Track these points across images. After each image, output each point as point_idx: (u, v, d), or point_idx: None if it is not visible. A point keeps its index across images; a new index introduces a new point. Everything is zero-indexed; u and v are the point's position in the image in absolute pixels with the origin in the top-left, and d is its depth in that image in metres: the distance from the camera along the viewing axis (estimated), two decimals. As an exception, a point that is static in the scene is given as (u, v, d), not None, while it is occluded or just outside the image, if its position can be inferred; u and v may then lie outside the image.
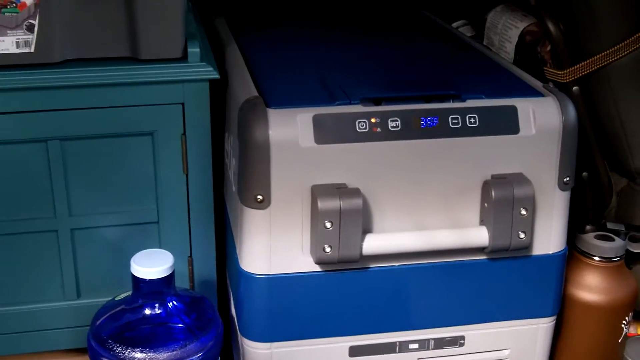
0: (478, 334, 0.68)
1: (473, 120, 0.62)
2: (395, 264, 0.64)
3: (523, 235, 0.63)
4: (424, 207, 0.63)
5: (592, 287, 0.73)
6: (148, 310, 0.63)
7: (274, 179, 0.60)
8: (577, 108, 0.75)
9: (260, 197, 0.60)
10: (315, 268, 0.63)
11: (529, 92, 0.66)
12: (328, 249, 0.60)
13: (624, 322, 0.74)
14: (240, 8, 0.91)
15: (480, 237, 0.62)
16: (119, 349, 0.61)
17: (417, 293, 0.65)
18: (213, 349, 0.64)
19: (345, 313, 0.64)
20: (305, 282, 0.63)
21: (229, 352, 0.75)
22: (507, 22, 0.81)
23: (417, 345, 0.67)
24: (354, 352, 0.66)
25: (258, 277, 0.63)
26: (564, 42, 0.75)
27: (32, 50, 0.62)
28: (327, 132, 0.60)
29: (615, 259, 0.73)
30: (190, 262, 0.72)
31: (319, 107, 0.61)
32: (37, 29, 0.62)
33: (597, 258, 0.73)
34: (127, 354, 0.61)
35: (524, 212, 0.62)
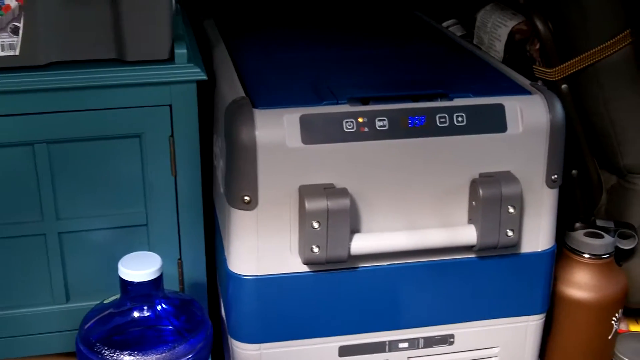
0: (468, 332, 0.68)
1: (460, 119, 0.62)
2: (384, 264, 0.64)
3: (511, 233, 0.63)
4: (412, 206, 0.63)
5: (582, 284, 0.73)
6: (137, 313, 0.63)
7: (261, 180, 0.60)
8: (566, 106, 0.76)
9: (248, 198, 0.60)
10: (304, 268, 0.63)
11: (517, 90, 0.66)
12: (316, 249, 0.60)
13: (614, 318, 0.74)
14: (230, 10, 0.91)
15: (469, 235, 0.62)
16: (108, 353, 0.61)
17: (406, 292, 0.65)
18: (202, 351, 0.64)
19: (335, 313, 0.64)
20: (294, 282, 0.63)
21: (221, 354, 0.75)
22: (496, 20, 0.81)
23: (406, 344, 0.67)
24: (344, 352, 0.66)
25: (246, 278, 0.63)
26: (553, 40, 0.75)
27: (17, 53, 0.62)
28: (314, 132, 0.60)
29: (605, 256, 0.73)
30: (180, 264, 0.72)
31: (306, 107, 0.61)
32: (21, 32, 0.61)
33: (586, 255, 0.73)
34: (115, 357, 0.61)
35: (512, 210, 0.62)
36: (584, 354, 0.75)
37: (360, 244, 0.61)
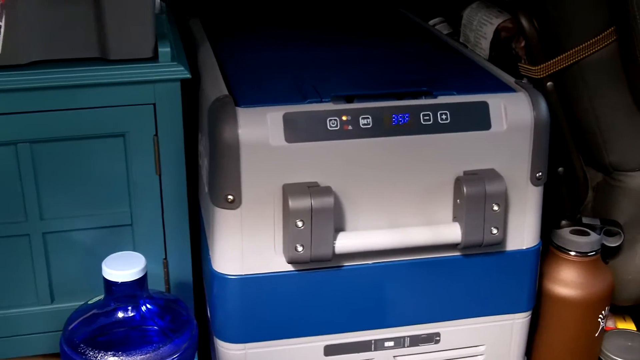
0: (453, 331, 0.68)
1: (444, 117, 0.62)
2: (369, 262, 0.64)
3: (496, 231, 0.62)
4: (397, 204, 0.63)
5: (568, 281, 0.73)
6: (121, 314, 0.63)
7: (245, 179, 0.59)
8: (551, 103, 0.76)
9: (231, 197, 0.60)
10: (288, 268, 0.62)
11: (501, 88, 0.66)
12: (300, 248, 0.60)
13: (601, 316, 0.74)
14: (215, 8, 0.91)
15: (453, 233, 0.62)
16: (92, 353, 0.61)
17: (391, 291, 0.65)
18: (187, 351, 0.63)
19: (320, 312, 0.64)
20: (279, 282, 0.63)
21: (208, 354, 0.75)
22: (482, 18, 0.81)
23: (392, 343, 0.67)
24: (329, 351, 0.66)
25: (230, 277, 0.62)
26: (538, 38, 0.75)
27: (-2, 52, 0.62)
28: (297, 130, 0.60)
29: (591, 254, 0.73)
30: (166, 264, 0.71)
31: (290, 105, 0.60)
32: (3, 31, 0.61)
33: (573, 253, 0.73)
34: (99, 358, 0.60)
35: (496, 207, 0.62)
36: (571, 352, 0.75)
37: (345, 243, 0.61)
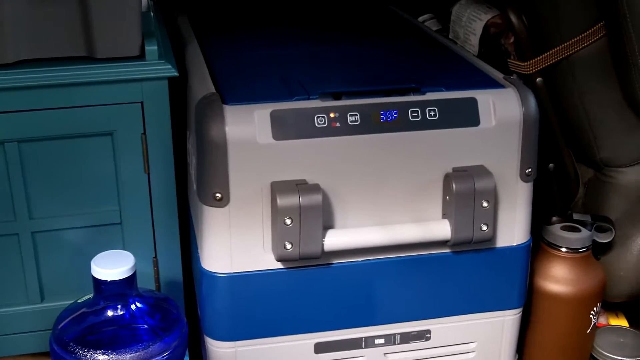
0: (444, 328, 0.68)
1: (433, 113, 0.62)
2: (359, 260, 0.63)
3: (485, 228, 0.62)
4: (386, 201, 0.62)
5: (559, 278, 0.73)
6: (110, 312, 0.63)
7: (232, 177, 0.59)
8: (541, 99, 0.76)
9: (219, 195, 0.60)
10: (277, 265, 0.62)
11: (490, 84, 0.65)
12: (289, 246, 0.60)
13: (592, 312, 0.74)
14: (203, 6, 0.91)
15: (443, 230, 0.62)
16: (82, 352, 0.60)
17: (381, 288, 0.65)
18: (178, 349, 0.63)
19: (310, 310, 0.64)
20: (268, 279, 0.62)
21: (199, 352, 0.74)
22: (471, 14, 0.81)
23: (383, 340, 0.67)
24: (320, 348, 0.66)
25: (219, 275, 0.62)
26: (527, 33, 0.75)
27: (-16, 51, 0.61)
28: (285, 128, 0.59)
29: (582, 250, 0.73)
30: (155, 262, 0.71)
31: (277, 102, 0.60)
32: (-12, 30, 0.61)
33: (564, 249, 0.73)
34: (89, 357, 0.60)
35: (486, 204, 0.62)
36: (562, 348, 0.75)
37: (334, 240, 0.61)
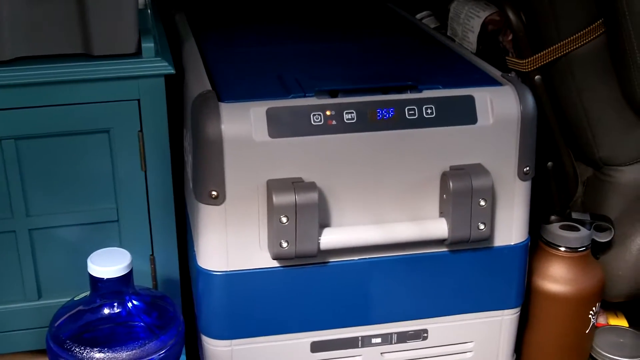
0: (441, 327, 0.67)
1: (430, 111, 0.61)
2: (355, 258, 0.63)
3: (483, 227, 0.62)
4: (383, 199, 0.62)
5: (558, 277, 0.72)
6: (107, 310, 0.63)
7: (228, 175, 0.59)
8: (539, 97, 0.75)
9: (215, 193, 0.59)
10: (274, 264, 0.62)
11: (487, 81, 0.65)
12: (285, 244, 0.59)
13: (591, 312, 0.74)
14: (201, 3, 0.90)
15: (440, 229, 0.62)
16: (78, 350, 0.60)
17: (378, 287, 0.64)
18: (174, 348, 0.63)
19: (306, 308, 0.64)
20: (264, 278, 0.62)
21: (197, 350, 0.74)
22: (469, 11, 0.80)
23: (379, 340, 0.66)
24: (316, 347, 0.66)
25: (215, 274, 0.62)
26: (525, 31, 0.74)
27: (-19, 48, 0.61)
28: (281, 125, 0.59)
29: (581, 249, 0.73)
30: (152, 260, 0.71)
31: (273, 100, 0.60)
32: (-15, 27, 0.61)
33: (562, 248, 0.73)
34: (85, 355, 0.60)
35: (483, 203, 0.61)
36: (561, 348, 0.74)
37: (330, 239, 0.60)
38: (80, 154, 0.66)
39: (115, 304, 0.63)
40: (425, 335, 0.67)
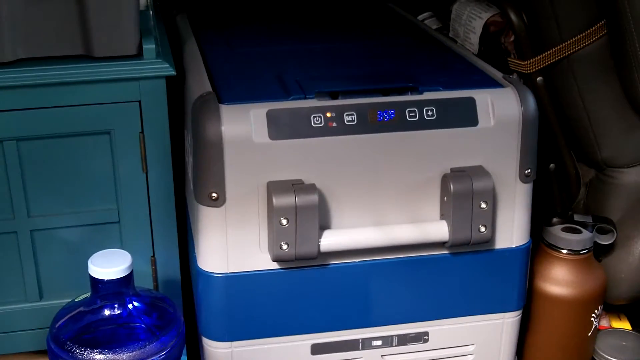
0: (442, 330, 0.67)
1: (430, 113, 0.61)
2: (355, 260, 0.63)
3: (484, 229, 0.62)
4: (383, 202, 0.62)
5: (560, 280, 0.72)
6: (107, 311, 0.63)
7: (228, 176, 0.59)
8: (541, 99, 0.75)
9: (215, 194, 0.59)
10: (274, 266, 0.62)
11: (488, 83, 0.65)
12: (285, 246, 0.59)
13: (594, 315, 0.73)
14: (203, 4, 0.90)
15: (440, 231, 0.62)
16: (78, 351, 0.60)
17: (378, 289, 0.64)
18: (174, 349, 0.63)
19: (306, 311, 0.64)
20: (264, 280, 0.62)
21: (198, 352, 0.74)
22: (471, 13, 0.80)
23: (380, 342, 0.66)
24: (317, 350, 0.66)
25: (215, 275, 0.62)
26: (526, 32, 0.74)
27: (-18, 50, 0.61)
28: (281, 127, 0.59)
29: (584, 252, 0.72)
30: (153, 262, 0.71)
31: (273, 102, 0.60)
32: (-14, 28, 0.61)
33: (564, 251, 0.72)
34: (86, 356, 0.60)
35: (484, 205, 0.61)
36: (563, 351, 0.74)
37: (330, 241, 0.60)
38: (82, 155, 0.66)
39: (116, 305, 0.63)
40: (426, 338, 0.67)
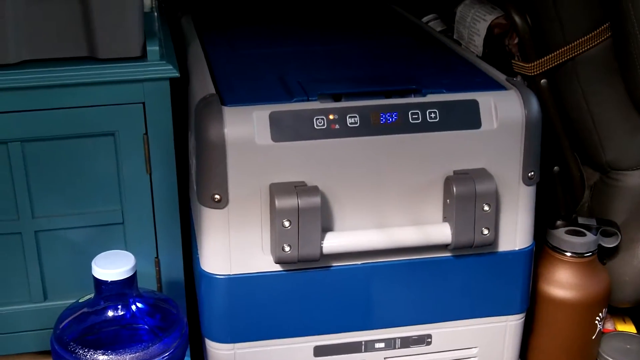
0: (445, 332, 0.67)
1: (433, 115, 0.61)
2: (358, 263, 0.63)
3: (487, 232, 0.62)
4: (386, 204, 0.62)
5: (564, 283, 0.72)
6: (111, 312, 0.63)
7: (231, 178, 0.59)
8: (545, 101, 0.75)
9: (218, 196, 0.60)
10: (276, 267, 0.62)
11: (491, 85, 0.65)
12: (287, 248, 0.59)
13: (598, 318, 0.73)
14: (207, 6, 0.91)
15: (443, 234, 0.61)
16: (82, 352, 0.61)
17: (381, 291, 0.64)
18: (177, 350, 0.63)
19: (309, 313, 0.64)
20: (266, 282, 0.62)
21: (202, 353, 0.74)
22: (475, 15, 0.80)
23: (383, 345, 0.66)
24: (319, 352, 0.66)
25: (218, 277, 0.62)
26: (530, 34, 0.74)
27: (-13, 52, 0.62)
28: (284, 129, 0.59)
29: (587, 255, 0.72)
30: (157, 263, 0.71)
31: (276, 104, 0.60)
32: (-9, 30, 0.61)
33: (568, 254, 0.72)
34: (89, 357, 0.60)
35: (487, 208, 0.61)
36: (567, 355, 0.74)
37: (333, 243, 0.60)
38: (86, 157, 0.66)
39: (119, 307, 0.63)
40: (429, 341, 0.67)
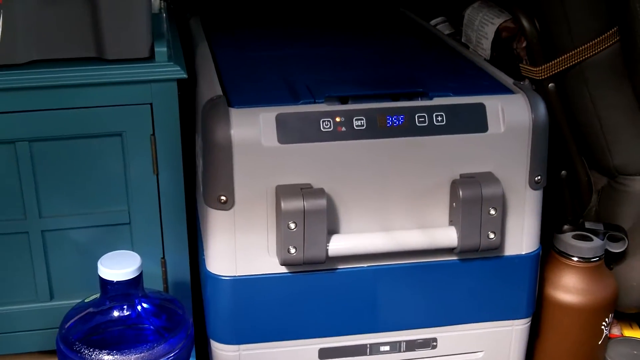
0: (451, 336, 0.67)
1: (440, 119, 0.61)
2: (363, 265, 0.63)
3: (493, 236, 0.61)
4: (391, 207, 0.62)
5: (570, 288, 0.72)
6: (116, 313, 0.63)
7: (237, 180, 0.59)
8: (552, 105, 0.74)
9: (224, 197, 0.60)
10: (282, 269, 0.62)
11: (498, 89, 0.65)
12: (293, 250, 0.59)
13: (604, 323, 0.73)
14: (216, 8, 0.91)
15: (449, 237, 0.61)
16: (87, 352, 0.61)
17: (386, 294, 0.64)
18: (183, 351, 0.63)
19: (314, 315, 0.64)
20: (272, 283, 0.62)
21: (207, 353, 0.74)
22: (484, 18, 0.80)
23: (388, 348, 0.66)
24: (324, 354, 0.66)
25: (224, 278, 0.62)
26: (538, 38, 0.74)
27: (-4, 52, 0.62)
28: (290, 131, 0.59)
29: (594, 260, 0.72)
30: (163, 263, 0.71)
31: (283, 106, 0.60)
32: (0, 30, 0.61)
33: (575, 258, 0.72)
34: (94, 357, 0.61)
35: (493, 211, 0.61)
36: None
37: (338, 245, 0.60)
38: (93, 157, 0.66)
39: (125, 307, 0.63)
40: (435, 344, 0.67)
